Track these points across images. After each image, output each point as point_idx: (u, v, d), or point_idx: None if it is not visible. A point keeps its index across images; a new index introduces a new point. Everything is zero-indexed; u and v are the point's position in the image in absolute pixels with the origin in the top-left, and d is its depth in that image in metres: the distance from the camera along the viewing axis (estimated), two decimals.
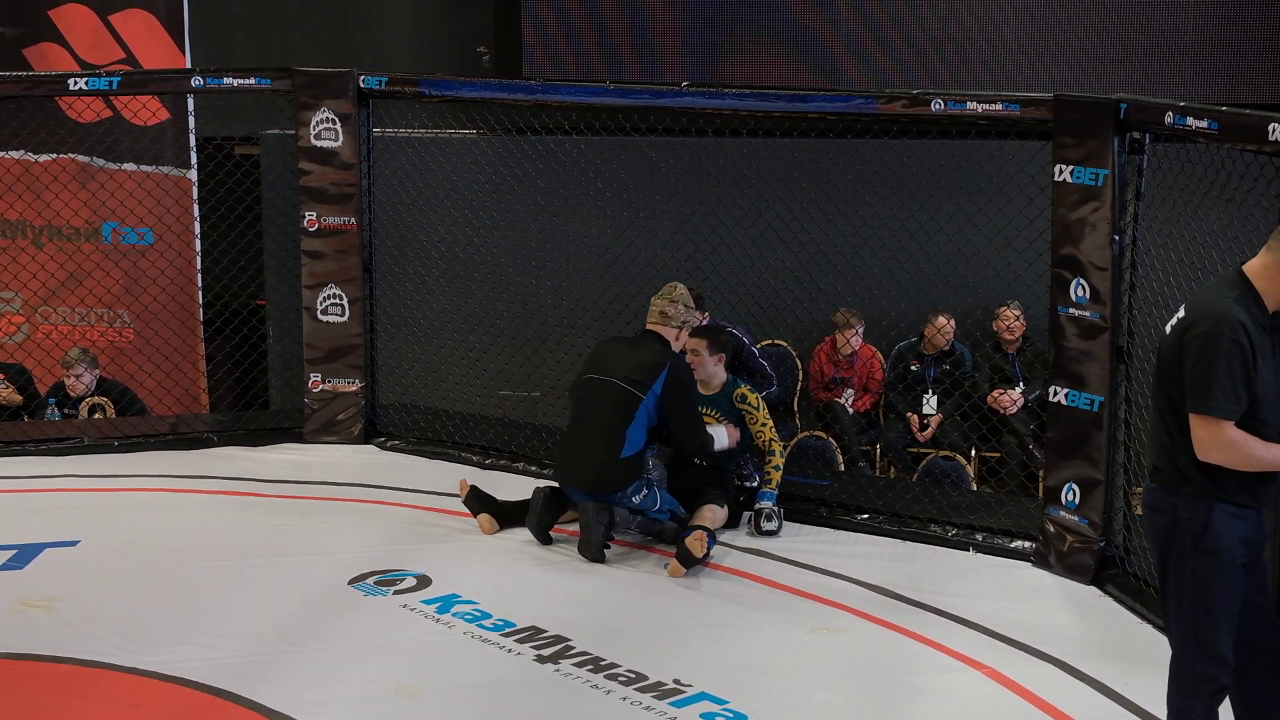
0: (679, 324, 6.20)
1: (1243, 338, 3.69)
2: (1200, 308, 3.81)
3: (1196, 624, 3.81)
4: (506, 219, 8.57)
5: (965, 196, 7.35)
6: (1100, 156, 5.63)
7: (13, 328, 8.94)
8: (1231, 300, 3.75)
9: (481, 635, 5.13)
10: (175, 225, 8.93)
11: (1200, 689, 3.85)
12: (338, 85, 7.55)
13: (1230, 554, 3.78)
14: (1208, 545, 3.77)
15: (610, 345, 6.29)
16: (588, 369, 6.20)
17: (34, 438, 7.58)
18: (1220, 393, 3.69)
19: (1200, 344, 3.74)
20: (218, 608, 5.34)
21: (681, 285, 6.35)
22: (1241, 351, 3.69)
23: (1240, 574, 3.81)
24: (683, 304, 6.23)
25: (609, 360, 6.13)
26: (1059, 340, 5.85)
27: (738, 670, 4.86)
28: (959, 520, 6.32)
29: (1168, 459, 3.85)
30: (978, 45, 9.17)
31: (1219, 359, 3.69)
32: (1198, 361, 3.74)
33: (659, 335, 6.18)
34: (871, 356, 8.48)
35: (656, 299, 6.28)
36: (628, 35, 9.28)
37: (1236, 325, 3.70)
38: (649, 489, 6.07)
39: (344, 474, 7.16)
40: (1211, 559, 3.77)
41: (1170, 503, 3.84)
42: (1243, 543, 3.79)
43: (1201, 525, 3.77)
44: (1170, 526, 3.83)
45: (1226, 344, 3.69)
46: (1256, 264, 3.80)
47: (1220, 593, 3.78)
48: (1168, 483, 3.85)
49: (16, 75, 7.89)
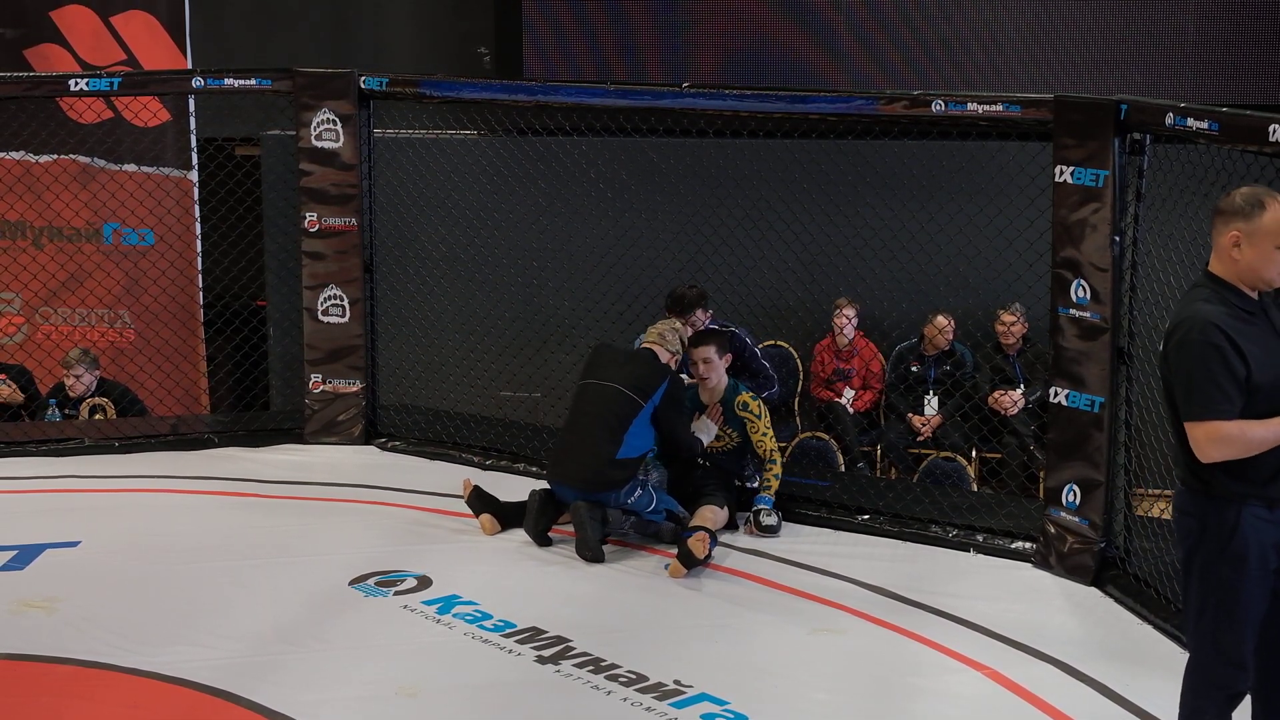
0: (673, 350, 6.37)
1: (1216, 336, 3.68)
2: (1176, 316, 3.83)
3: (1217, 629, 3.78)
4: (507, 220, 8.57)
5: (966, 197, 7.35)
6: (1101, 157, 5.63)
7: (13, 328, 8.94)
8: (1201, 300, 3.77)
9: (482, 636, 5.13)
10: (176, 226, 8.93)
11: (1216, 694, 3.83)
12: (338, 86, 7.55)
13: (1257, 560, 3.73)
14: (1234, 550, 3.72)
15: (609, 354, 6.36)
16: (587, 375, 6.27)
17: (34, 438, 7.58)
18: (1203, 396, 3.69)
19: (1177, 352, 3.75)
20: (218, 608, 5.34)
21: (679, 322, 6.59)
22: (1218, 350, 3.67)
23: (1268, 580, 3.75)
24: (680, 337, 6.44)
25: (610, 368, 6.22)
26: (1059, 341, 5.85)
27: (738, 671, 4.86)
28: (959, 521, 6.32)
29: (1187, 466, 3.83)
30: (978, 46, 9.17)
31: (1196, 363, 3.69)
32: (1178, 370, 3.75)
33: (654, 353, 6.31)
34: (873, 357, 8.48)
35: (656, 325, 6.49)
36: (628, 36, 9.28)
37: (1207, 325, 3.70)
38: (643, 490, 6.12)
39: (345, 475, 7.16)
40: (1238, 564, 3.73)
41: (1199, 506, 3.80)
42: (1275, 548, 3.74)
43: (1230, 530, 3.73)
44: (1199, 530, 3.79)
45: (1199, 347, 3.69)
46: (1213, 257, 3.83)
47: (1244, 599, 3.74)
48: (1195, 487, 3.82)
49: (17, 76, 7.90)
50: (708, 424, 6.38)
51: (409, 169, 8.09)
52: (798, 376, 8.57)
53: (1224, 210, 3.80)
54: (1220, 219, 3.80)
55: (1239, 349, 3.68)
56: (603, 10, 9.26)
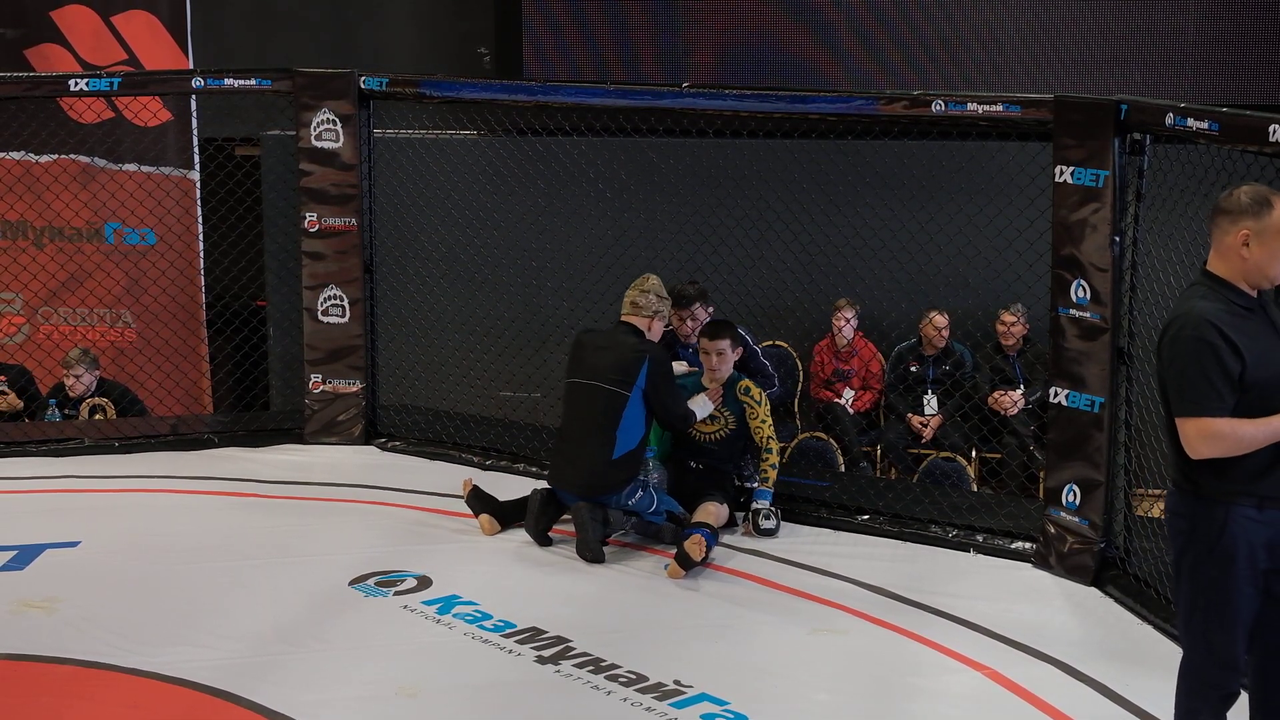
0: (650, 313, 6.24)
1: (1210, 333, 3.68)
2: (1171, 314, 3.84)
3: (1208, 629, 3.79)
4: (507, 220, 8.57)
5: (966, 197, 7.35)
6: (1101, 158, 5.63)
7: (13, 328, 8.94)
8: (1198, 298, 3.77)
9: (482, 636, 5.13)
10: (177, 226, 8.94)
11: (1210, 694, 3.83)
12: (338, 86, 7.55)
13: (1246, 559, 3.73)
14: (1223, 550, 3.73)
15: (589, 342, 6.28)
16: (572, 372, 6.23)
17: (34, 438, 7.58)
18: (1195, 392, 3.69)
19: (1170, 349, 3.76)
20: (218, 608, 5.34)
21: (654, 276, 6.38)
22: (1212, 347, 3.68)
23: (1258, 580, 3.75)
24: (654, 294, 6.27)
25: (590, 362, 6.16)
26: (1059, 341, 5.84)
27: (738, 671, 4.86)
28: (959, 521, 6.32)
29: (1178, 466, 3.84)
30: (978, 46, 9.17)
31: (1189, 359, 3.70)
32: (1170, 366, 3.76)
33: (633, 326, 6.22)
34: (872, 357, 8.48)
35: (629, 290, 6.33)
36: (628, 36, 9.28)
37: (1202, 322, 3.70)
38: (643, 490, 6.11)
39: (344, 475, 7.16)
40: (1227, 564, 3.73)
41: (1188, 507, 3.81)
42: (1265, 548, 3.74)
43: (1218, 530, 3.73)
44: (1188, 531, 3.80)
45: (1193, 343, 3.69)
46: (1213, 256, 3.84)
47: (1234, 599, 3.74)
48: (1185, 488, 3.83)
49: (18, 76, 7.90)
50: (704, 401, 6.34)
51: (409, 169, 8.09)
52: (796, 377, 8.57)
53: (1229, 210, 3.79)
54: (1226, 218, 3.79)
55: (1234, 345, 3.69)
56: (602, 10, 9.27)
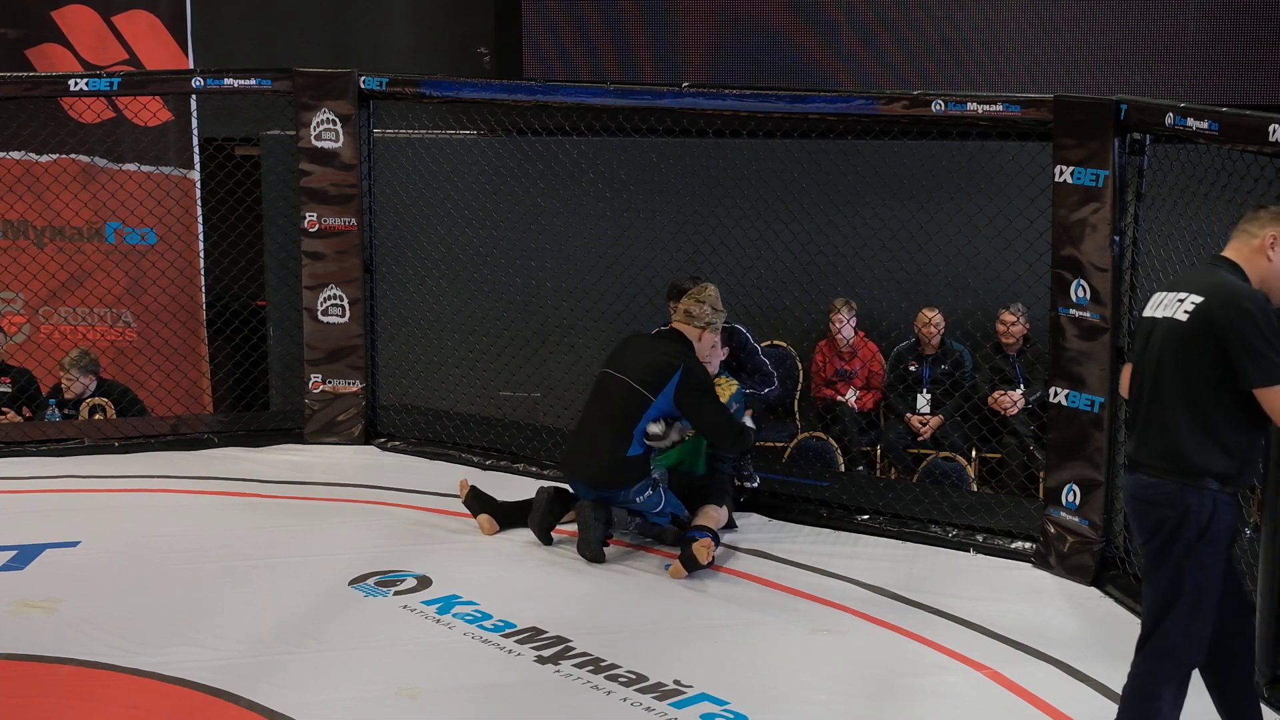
0: (703, 324, 6.06)
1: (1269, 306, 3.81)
2: (1221, 289, 3.82)
3: (1192, 614, 3.83)
4: (507, 220, 8.57)
5: (966, 197, 7.35)
6: (1101, 157, 5.63)
7: (14, 328, 8.95)
8: (1239, 279, 3.86)
9: (482, 636, 5.13)
10: (177, 226, 8.94)
11: (1176, 673, 3.87)
12: (338, 86, 7.55)
13: (1226, 542, 3.86)
14: (1212, 534, 3.81)
15: (633, 341, 6.20)
16: (607, 362, 6.14)
17: (34, 438, 7.58)
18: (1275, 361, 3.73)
19: (1242, 320, 3.73)
20: (218, 608, 5.34)
21: (713, 286, 6.20)
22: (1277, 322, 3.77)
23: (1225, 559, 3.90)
24: (710, 305, 6.09)
25: (627, 356, 6.06)
26: (1059, 341, 5.85)
27: (738, 671, 4.86)
28: (959, 521, 6.32)
29: (1181, 451, 3.83)
30: (979, 46, 9.17)
31: (1268, 329, 3.72)
32: (1247, 337, 3.72)
33: (681, 335, 6.08)
34: (873, 356, 8.48)
35: (685, 298, 6.17)
36: (628, 36, 9.29)
37: (1259, 296, 3.81)
38: (654, 490, 6.02)
39: (344, 475, 7.16)
40: (1213, 548, 3.83)
41: (1182, 497, 3.82)
42: (1230, 529, 3.87)
43: (1209, 516, 3.81)
44: (1177, 520, 3.82)
45: (1263, 314, 3.75)
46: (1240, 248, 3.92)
47: (1215, 580, 3.84)
48: (1179, 476, 3.83)
49: (18, 76, 7.90)
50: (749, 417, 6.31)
51: (409, 169, 8.09)
52: (796, 376, 8.57)
53: (1262, 217, 3.91)
54: (1267, 214, 3.90)
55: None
56: (602, 10, 9.27)
